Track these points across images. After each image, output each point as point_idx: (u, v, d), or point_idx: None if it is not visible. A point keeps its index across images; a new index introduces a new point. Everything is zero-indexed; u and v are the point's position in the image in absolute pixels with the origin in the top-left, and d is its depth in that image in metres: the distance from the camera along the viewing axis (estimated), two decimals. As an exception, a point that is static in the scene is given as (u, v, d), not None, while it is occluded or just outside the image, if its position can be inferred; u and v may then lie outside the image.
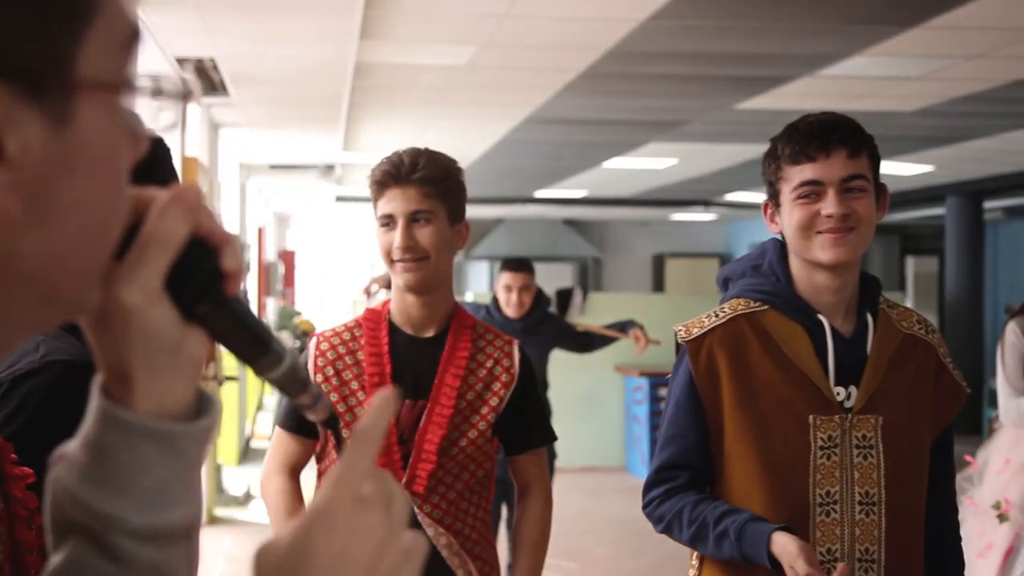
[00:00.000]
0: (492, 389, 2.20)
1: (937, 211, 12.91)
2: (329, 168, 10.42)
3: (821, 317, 1.94)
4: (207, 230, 0.63)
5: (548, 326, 5.04)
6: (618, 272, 16.71)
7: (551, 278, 14.52)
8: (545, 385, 5.03)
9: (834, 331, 1.94)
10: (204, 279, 0.62)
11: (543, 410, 2.34)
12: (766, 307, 1.96)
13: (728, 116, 7.34)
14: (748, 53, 5.54)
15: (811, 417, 1.90)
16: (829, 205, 1.86)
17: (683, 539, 1.93)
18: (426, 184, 2.17)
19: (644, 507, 2.00)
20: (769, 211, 1.98)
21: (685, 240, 16.75)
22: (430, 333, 2.22)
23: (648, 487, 2.00)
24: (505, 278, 4.94)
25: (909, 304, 14.38)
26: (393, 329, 2.23)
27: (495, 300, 5.00)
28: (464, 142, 8.84)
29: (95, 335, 0.62)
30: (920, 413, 1.97)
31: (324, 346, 2.23)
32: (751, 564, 1.82)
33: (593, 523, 7.57)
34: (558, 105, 7.02)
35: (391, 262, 2.17)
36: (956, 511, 2.06)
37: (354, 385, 2.18)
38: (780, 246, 1.99)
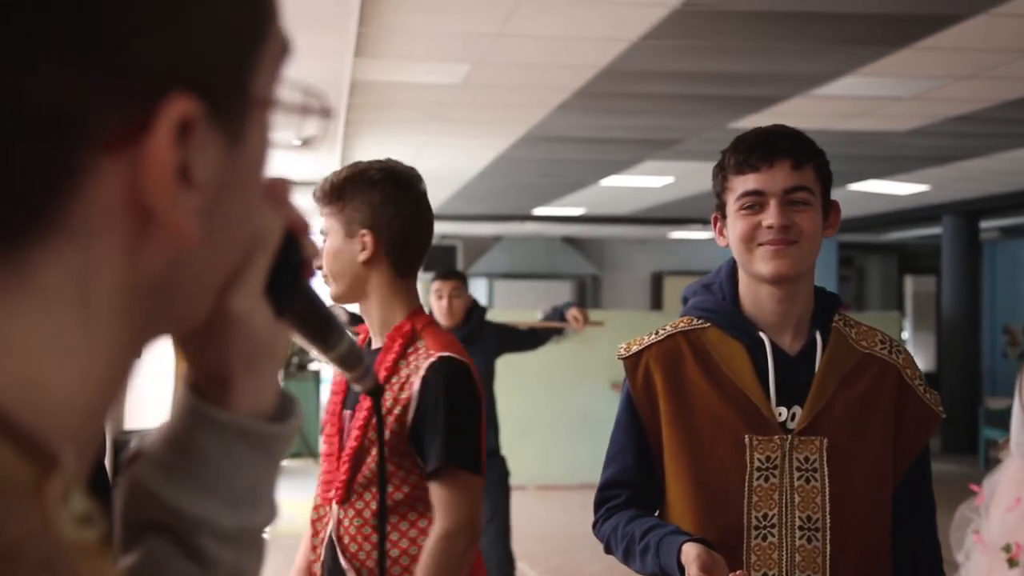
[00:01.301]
0: (393, 408, 2.11)
1: (934, 230, 12.93)
2: (327, 185, 10.46)
3: (762, 334, 1.87)
4: (292, 220, 0.62)
5: (488, 332, 5.05)
6: (616, 290, 16.72)
7: (549, 296, 14.53)
8: (492, 399, 5.01)
9: (778, 349, 1.87)
10: (294, 273, 0.62)
11: (454, 429, 2.09)
12: (708, 324, 1.92)
13: (722, 135, 7.34)
14: (741, 72, 5.58)
15: (747, 437, 1.83)
16: (770, 216, 1.81)
17: (618, 556, 1.88)
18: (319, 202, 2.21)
19: (592, 526, 1.96)
20: (718, 224, 1.93)
21: (683, 258, 16.76)
22: (377, 344, 2.21)
23: (595, 507, 1.97)
24: (435, 286, 4.96)
25: (908, 323, 14.43)
26: (370, 340, 2.27)
27: (429, 314, 5.02)
28: (461, 159, 8.88)
29: (190, 340, 0.60)
30: (876, 437, 1.85)
31: None
32: None
33: (588, 540, 7.55)
34: (554, 123, 7.06)
35: None
36: (938, 548, 1.93)
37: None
38: (733, 263, 1.95)
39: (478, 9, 4.47)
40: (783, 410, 1.84)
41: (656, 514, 1.94)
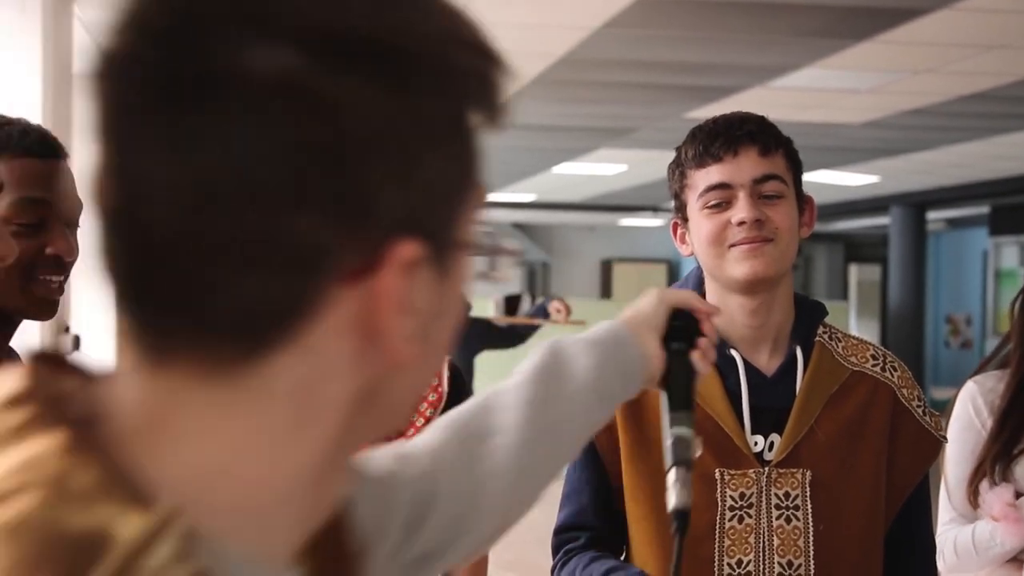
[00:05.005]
0: (418, 410, 2.04)
1: (881, 220, 13.07)
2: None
3: (733, 351, 1.62)
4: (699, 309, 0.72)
5: (472, 329, 5.01)
6: (566, 276, 16.71)
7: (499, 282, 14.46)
8: (471, 393, 4.99)
9: (752, 368, 1.63)
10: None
11: None
12: None
13: (678, 124, 7.34)
14: (700, 63, 5.54)
15: (717, 471, 1.58)
16: (739, 211, 1.56)
17: None
18: None
19: (551, 571, 1.72)
20: (679, 231, 1.67)
21: (633, 245, 16.79)
22: None
23: (552, 550, 1.72)
24: None
25: (852, 311, 14.62)
26: None
27: None
28: (413, 145, 8.78)
29: None
30: (867, 469, 1.61)
31: None
32: None
33: (540, 532, 7.51)
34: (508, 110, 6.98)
35: None
36: None
37: None
38: (702, 272, 1.69)
39: (437, -6, 4.37)
40: (759, 439, 1.60)
41: (622, 557, 1.70)
